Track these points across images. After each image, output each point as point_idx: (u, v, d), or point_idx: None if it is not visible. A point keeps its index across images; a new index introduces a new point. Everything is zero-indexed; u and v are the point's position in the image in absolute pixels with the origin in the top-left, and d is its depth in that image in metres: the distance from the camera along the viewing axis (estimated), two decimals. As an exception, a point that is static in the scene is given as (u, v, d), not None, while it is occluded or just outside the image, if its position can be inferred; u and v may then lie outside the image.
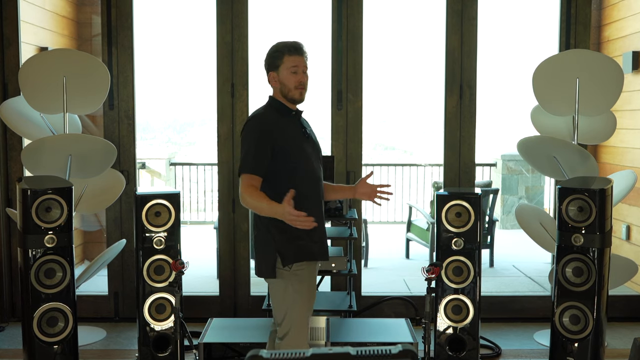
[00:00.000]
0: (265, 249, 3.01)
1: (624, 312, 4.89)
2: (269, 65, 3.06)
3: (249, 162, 2.94)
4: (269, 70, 3.06)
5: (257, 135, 2.95)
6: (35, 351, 3.69)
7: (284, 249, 2.96)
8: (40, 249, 3.66)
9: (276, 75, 3.03)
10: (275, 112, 3.04)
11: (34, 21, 5.21)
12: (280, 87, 3.03)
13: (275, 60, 3.02)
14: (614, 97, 4.16)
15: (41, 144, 4.09)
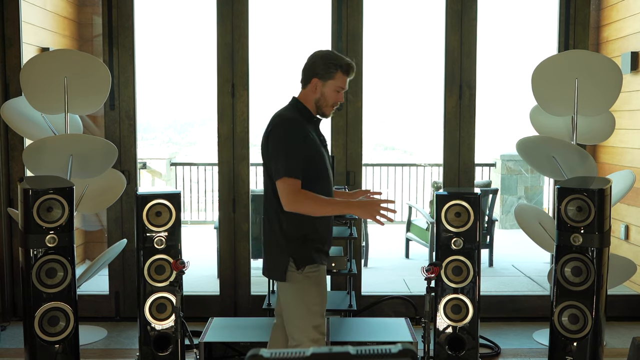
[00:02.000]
0: (277, 250, 2.95)
1: (623, 312, 4.91)
2: (318, 72, 2.93)
3: (289, 165, 2.82)
4: (315, 76, 2.94)
5: (292, 137, 2.86)
6: (37, 350, 3.70)
7: (297, 252, 2.91)
8: (42, 248, 3.67)
9: (320, 85, 2.94)
10: (300, 115, 2.96)
11: (35, 22, 5.23)
12: (318, 98, 2.95)
13: (329, 71, 2.92)
14: (613, 97, 4.17)
15: (42, 144, 4.10)
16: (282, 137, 2.87)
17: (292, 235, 2.91)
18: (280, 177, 2.83)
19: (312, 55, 2.99)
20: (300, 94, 3.00)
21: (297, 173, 2.81)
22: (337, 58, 2.95)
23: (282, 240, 2.92)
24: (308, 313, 2.91)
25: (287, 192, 2.82)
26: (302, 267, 2.90)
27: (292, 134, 2.87)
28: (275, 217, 2.94)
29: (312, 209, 2.86)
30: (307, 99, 2.98)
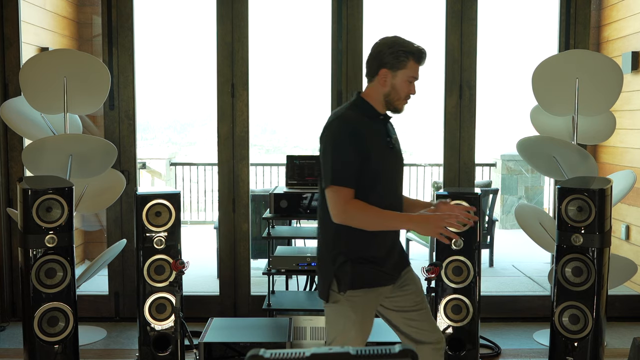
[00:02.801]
0: (323, 266, 2.66)
1: (624, 312, 4.90)
2: (387, 62, 2.60)
3: (338, 171, 2.51)
4: (384, 66, 2.60)
5: (343, 139, 2.53)
6: (36, 351, 3.69)
7: (342, 270, 2.58)
8: (41, 248, 3.67)
9: (390, 77, 2.61)
10: (360, 113, 2.63)
11: (34, 21, 5.22)
12: (389, 91, 2.62)
13: (399, 60, 2.58)
14: (614, 97, 4.17)
15: (42, 144, 4.10)
16: (333, 139, 2.56)
17: (341, 250, 2.59)
18: (328, 184, 2.53)
19: (377, 43, 2.64)
20: (366, 89, 2.68)
21: (347, 181, 2.50)
22: (407, 44, 2.60)
23: (330, 255, 2.62)
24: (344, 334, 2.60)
25: (335, 202, 2.51)
26: (345, 290, 2.58)
27: (344, 136, 2.54)
28: (325, 230, 2.64)
29: (364, 222, 2.52)
30: (374, 94, 2.65)
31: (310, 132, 15.54)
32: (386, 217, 2.55)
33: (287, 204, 4.14)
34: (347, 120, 2.59)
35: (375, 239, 2.60)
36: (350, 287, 2.58)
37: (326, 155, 2.57)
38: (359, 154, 2.53)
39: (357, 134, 2.54)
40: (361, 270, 2.60)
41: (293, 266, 4.13)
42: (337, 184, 2.51)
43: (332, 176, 2.53)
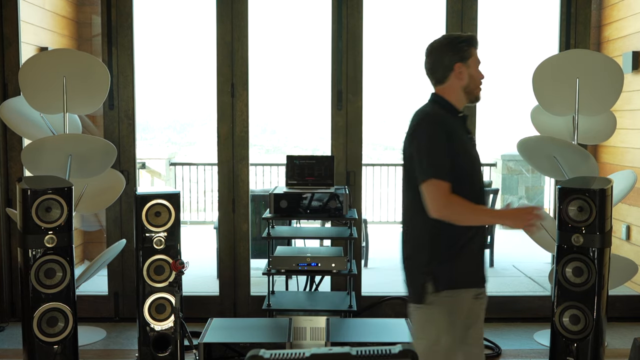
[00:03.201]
0: (415, 268, 2.61)
1: (624, 312, 4.89)
2: (457, 55, 2.62)
3: (436, 166, 2.49)
4: (458, 61, 2.62)
5: (438, 135, 2.53)
6: (35, 351, 3.69)
7: (440, 269, 2.55)
8: (40, 249, 3.66)
9: (465, 68, 2.62)
10: (445, 111, 2.64)
11: (34, 21, 5.21)
12: (467, 82, 2.64)
13: (464, 51, 2.62)
14: (614, 97, 4.16)
15: (41, 144, 4.09)
16: (427, 135, 2.55)
17: (440, 248, 2.56)
18: (426, 179, 2.49)
19: (436, 47, 2.67)
20: (441, 89, 2.67)
21: (444, 175, 2.48)
22: (462, 36, 2.68)
23: (424, 254, 2.58)
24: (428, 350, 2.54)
25: (434, 196, 2.48)
26: (441, 290, 2.53)
27: (438, 132, 2.54)
28: (417, 228, 2.60)
29: (462, 215, 2.51)
30: (450, 91, 2.66)
31: (310, 132, 15.54)
32: (482, 212, 2.63)
33: (287, 204, 4.13)
34: (438, 117, 2.60)
35: (471, 236, 2.60)
36: (450, 285, 2.54)
37: (421, 151, 2.53)
38: (452, 150, 2.54)
39: (449, 130, 2.57)
40: (460, 266, 2.57)
41: (293, 266, 4.13)
42: (437, 178, 2.49)
43: (432, 170, 2.50)
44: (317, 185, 4.34)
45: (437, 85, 2.69)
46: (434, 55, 2.67)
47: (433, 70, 2.68)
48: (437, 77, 2.68)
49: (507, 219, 2.60)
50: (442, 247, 2.56)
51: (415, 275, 2.60)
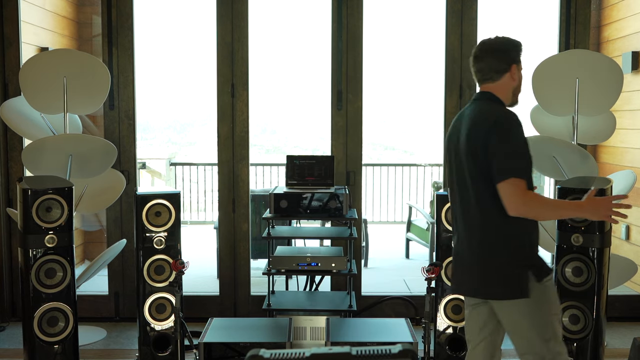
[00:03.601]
0: (504, 265, 2.62)
1: (624, 312, 4.90)
2: (513, 57, 2.70)
3: (517, 164, 2.55)
4: (514, 62, 2.70)
5: (517, 135, 2.58)
6: (36, 351, 3.70)
7: (535, 261, 2.63)
8: (41, 248, 3.67)
9: (517, 71, 2.72)
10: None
11: (34, 21, 5.22)
12: (517, 84, 2.73)
13: (519, 54, 2.72)
14: (614, 97, 4.17)
15: (42, 144, 4.10)
16: (506, 133, 2.57)
17: (523, 243, 2.63)
18: (506, 177, 2.53)
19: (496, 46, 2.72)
20: (492, 88, 2.73)
21: (523, 173, 2.55)
22: (517, 40, 2.76)
23: (512, 251, 2.62)
24: (548, 325, 2.65)
25: (514, 194, 2.52)
26: (544, 277, 2.62)
27: (521, 131, 2.60)
28: (493, 228, 2.63)
29: (542, 212, 2.60)
30: (501, 90, 2.71)
31: (310, 132, 15.54)
32: (560, 206, 2.71)
33: (287, 204, 4.14)
34: (512, 115, 2.63)
35: (537, 229, 2.70)
36: (548, 272, 2.65)
37: (499, 149, 2.56)
38: (528, 149, 2.61)
39: (523, 129, 2.62)
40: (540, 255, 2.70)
41: (293, 266, 4.13)
42: (516, 176, 2.54)
43: (514, 170, 2.54)
44: (317, 185, 4.35)
45: (487, 83, 2.73)
46: (492, 53, 2.70)
47: (489, 68, 2.71)
48: (491, 75, 2.71)
49: (586, 211, 2.61)
50: (526, 239, 2.63)
51: (508, 271, 2.61)
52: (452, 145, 2.75)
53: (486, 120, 2.62)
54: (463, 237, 2.72)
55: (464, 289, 2.79)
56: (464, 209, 2.69)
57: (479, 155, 2.59)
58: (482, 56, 2.73)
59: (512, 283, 2.60)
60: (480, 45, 2.76)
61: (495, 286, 2.65)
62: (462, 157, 2.66)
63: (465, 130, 2.67)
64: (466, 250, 2.71)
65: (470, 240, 2.69)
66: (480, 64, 2.74)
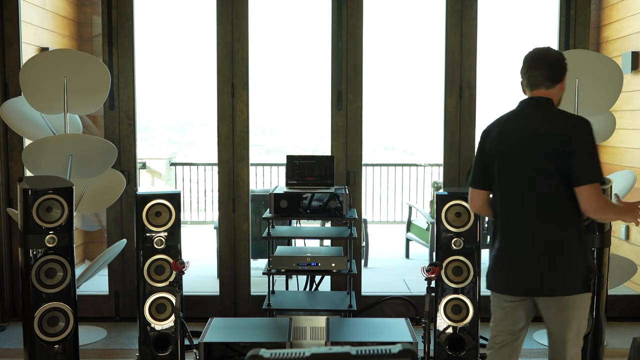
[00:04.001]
0: (576, 262, 2.73)
1: (624, 312, 4.90)
2: (565, 70, 2.88)
3: (599, 170, 2.70)
4: (565, 74, 2.88)
5: (595, 140, 2.74)
6: (36, 351, 3.70)
7: (590, 260, 2.86)
8: (41, 248, 3.67)
9: (565, 83, 2.91)
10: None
11: (34, 21, 5.22)
12: (562, 95, 2.93)
13: (567, 68, 2.90)
14: (614, 97, 4.17)
15: (42, 144, 4.10)
16: (590, 138, 2.72)
17: (585, 243, 2.78)
18: (591, 181, 2.67)
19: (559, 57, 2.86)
20: (546, 94, 2.85)
21: (601, 177, 2.72)
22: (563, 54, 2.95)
23: (581, 249, 2.75)
24: (583, 320, 2.82)
25: (596, 197, 2.67)
26: (593, 275, 2.82)
27: (594, 136, 2.75)
28: (567, 228, 2.74)
29: (611, 214, 2.81)
30: (555, 98, 2.88)
31: (310, 132, 15.54)
32: (617, 210, 2.82)
33: (287, 204, 4.14)
34: (587, 120, 2.79)
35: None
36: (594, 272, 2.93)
37: (584, 154, 2.69)
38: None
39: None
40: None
41: (293, 266, 4.13)
42: (597, 181, 2.69)
43: (595, 172, 2.69)
44: (317, 185, 4.35)
45: (539, 89, 2.84)
46: (550, 64, 2.83)
47: (552, 74, 2.83)
48: (546, 83, 2.83)
49: (625, 214, 2.80)
50: (588, 238, 2.93)
51: (577, 268, 2.73)
52: (509, 145, 2.81)
53: (566, 124, 2.76)
54: (526, 237, 2.78)
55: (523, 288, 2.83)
56: (532, 209, 2.76)
57: (558, 158, 2.69)
58: (539, 64, 2.83)
59: (580, 279, 2.73)
60: (538, 53, 2.86)
61: (567, 282, 2.73)
62: (532, 157, 2.74)
63: (536, 131, 2.76)
64: (532, 250, 2.77)
65: (539, 239, 2.76)
66: (536, 71, 2.83)
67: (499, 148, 2.85)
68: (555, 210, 2.73)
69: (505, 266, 2.85)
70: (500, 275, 2.87)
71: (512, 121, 2.86)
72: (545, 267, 2.74)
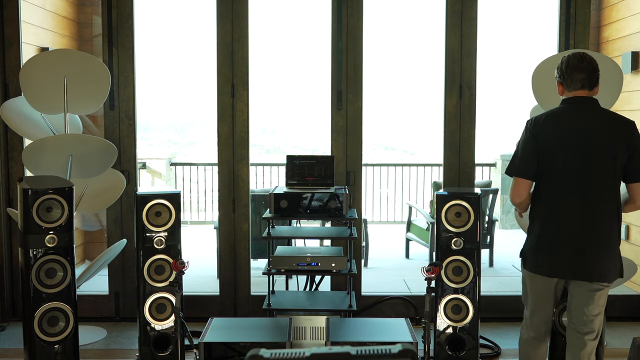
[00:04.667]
0: (617, 251, 3.14)
1: (624, 312, 4.90)
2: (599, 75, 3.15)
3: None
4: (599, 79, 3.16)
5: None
6: (36, 351, 3.70)
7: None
8: (41, 248, 3.67)
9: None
10: None
11: (34, 22, 5.22)
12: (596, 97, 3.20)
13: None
14: (613, 97, 4.17)
15: (42, 144, 4.10)
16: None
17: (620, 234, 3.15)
18: None
19: (595, 62, 3.10)
20: (590, 94, 3.11)
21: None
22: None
23: (618, 241, 3.14)
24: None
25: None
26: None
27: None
28: (616, 219, 3.08)
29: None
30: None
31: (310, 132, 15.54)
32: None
33: (287, 204, 4.14)
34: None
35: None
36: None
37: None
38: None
39: None
40: None
41: (293, 266, 4.13)
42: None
43: None
44: (317, 185, 4.35)
45: (584, 90, 3.08)
46: (594, 68, 3.08)
47: (590, 79, 3.07)
48: (590, 85, 3.08)
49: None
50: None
51: (618, 257, 3.12)
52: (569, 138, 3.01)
53: (622, 123, 3.05)
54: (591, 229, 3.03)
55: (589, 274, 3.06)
56: (595, 202, 3.02)
57: (619, 154, 2.99)
58: (586, 67, 3.07)
59: (617, 266, 3.11)
60: (585, 57, 3.09)
61: (618, 269, 3.12)
62: (597, 153, 2.99)
63: (595, 127, 3.02)
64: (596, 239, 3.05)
65: (602, 231, 3.05)
66: (584, 74, 3.06)
67: (557, 141, 3.03)
68: (616, 204, 3.06)
69: (553, 250, 3.07)
70: (547, 258, 3.09)
71: (566, 115, 3.07)
72: (609, 255, 3.07)
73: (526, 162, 3.07)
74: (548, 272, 3.09)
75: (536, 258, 3.11)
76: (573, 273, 3.05)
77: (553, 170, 3.03)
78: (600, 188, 3.01)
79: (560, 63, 3.11)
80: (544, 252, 3.09)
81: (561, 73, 3.09)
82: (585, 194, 3.01)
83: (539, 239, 3.10)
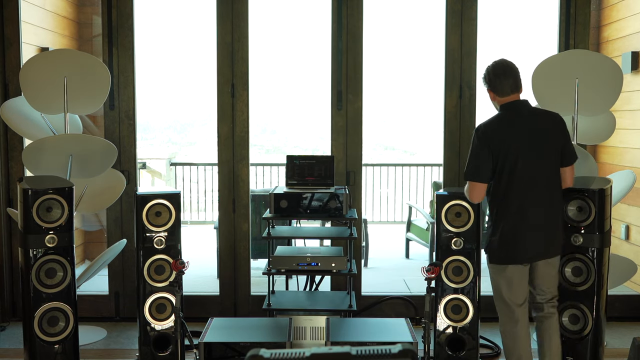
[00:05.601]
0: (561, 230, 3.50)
1: (623, 312, 4.90)
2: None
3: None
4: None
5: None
6: (36, 351, 3.70)
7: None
8: (41, 248, 3.67)
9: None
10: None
11: (34, 21, 5.22)
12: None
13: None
14: (613, 97, 4.17)
15: (42, 144, 4.10)
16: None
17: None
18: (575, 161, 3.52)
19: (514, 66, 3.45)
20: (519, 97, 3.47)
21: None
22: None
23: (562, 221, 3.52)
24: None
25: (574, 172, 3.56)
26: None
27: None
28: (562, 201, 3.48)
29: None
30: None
31: (310, 132, 15.54)
32: None
33: (287, 204, 4.14)
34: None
35: None
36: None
37: (569, 140, 3.42)
38: None
39: None
40: None
41: (293, 266, 4.13)
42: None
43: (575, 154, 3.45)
44: (317, 185, 4.35)
45: (517, 93, 3.41)
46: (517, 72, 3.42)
47: (521, 82, 3.43)
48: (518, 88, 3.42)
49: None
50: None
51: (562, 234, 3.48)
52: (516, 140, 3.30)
53: (556, 119, 3.41)
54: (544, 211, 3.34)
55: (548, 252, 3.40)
56: (546, 189, 3.33)
57: (559, 145, 3.35)
58: (511, 73, 3.39)
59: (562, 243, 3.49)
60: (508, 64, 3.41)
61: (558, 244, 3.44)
62: (544, 146, 3.31)
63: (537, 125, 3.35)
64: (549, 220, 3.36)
65: (552, 212, 3.37)
66: (510, 79, 3.38)
67: (510, 143, 3.31)
68: (557, 190, 3.39)
69: (534, 234, 3.34)
70: (512, 247, 3.35)
71: (510, 119, 3.38)
72: (558, 234, 3.41)
73: (481, 167, 3.36)
74: (521, 260, 3.36)
75: (507, 249, 3.36)
76: (539, 254, 3.37)
77: (509, 168, 3.30)
78: (552, 176, 3.36)
79: (487, 73, 3.40)
80: (513, 243, 3.34)
81: (490, 82, 3.40)
82: (541, 184, 3.32)
83: (506, 232, 3.35)
